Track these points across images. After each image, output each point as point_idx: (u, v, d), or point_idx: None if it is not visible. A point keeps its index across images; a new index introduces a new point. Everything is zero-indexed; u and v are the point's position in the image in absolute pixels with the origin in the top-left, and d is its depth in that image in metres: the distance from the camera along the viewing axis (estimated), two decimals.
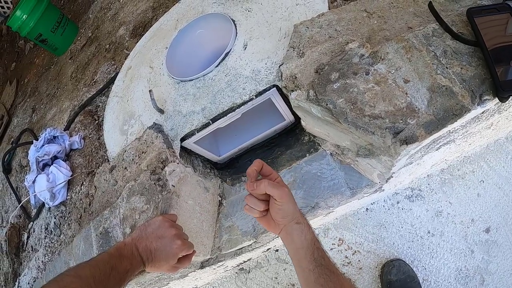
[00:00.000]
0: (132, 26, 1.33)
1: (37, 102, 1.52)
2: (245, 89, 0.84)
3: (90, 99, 1.21)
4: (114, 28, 1.39)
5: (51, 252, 1.06)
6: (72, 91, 1.36)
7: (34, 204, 1.16)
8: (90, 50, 1.44)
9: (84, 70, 1.38)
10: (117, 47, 1.31)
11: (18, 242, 1.30)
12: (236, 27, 0.94)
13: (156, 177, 0.82)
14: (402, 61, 0.69)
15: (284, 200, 0.61)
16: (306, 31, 0.82)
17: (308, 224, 0.63)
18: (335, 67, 0.72)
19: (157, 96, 0.97)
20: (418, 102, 0.66)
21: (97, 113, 1.19)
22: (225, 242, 0.96)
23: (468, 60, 0.66)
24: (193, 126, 0.88)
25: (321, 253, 0.59)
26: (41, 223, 1.21)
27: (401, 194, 1.07)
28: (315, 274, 0.57)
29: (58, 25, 1.57)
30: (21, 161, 1.43)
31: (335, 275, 0.57)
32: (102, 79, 1.26)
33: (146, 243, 0.66)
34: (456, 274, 1.00)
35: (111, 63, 1.28)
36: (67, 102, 1.34)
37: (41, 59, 1.76)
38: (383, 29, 0.78)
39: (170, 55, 1.01)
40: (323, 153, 0.92)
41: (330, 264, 0.58)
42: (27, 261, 1.23)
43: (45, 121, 1.39)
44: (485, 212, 1.03)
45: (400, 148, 0.64)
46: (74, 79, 1.40)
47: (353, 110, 0.67)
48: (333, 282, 0.56)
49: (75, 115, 1.20)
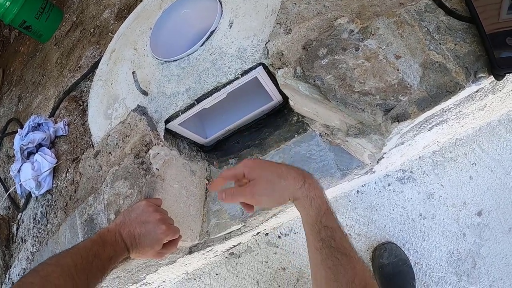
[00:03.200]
0: (117, 8, 1.26)
1: (23, 91, 1.46)
2: (231, 68, 0.79)
3: (75, 84, 1.16)
4: (99, 11, 1.33)
5: (39, 243, 1.02)
6: (57, 77, 1.30)
7: (21, 194, 1.12)
8: (75, 35, 1.37)
9: (69, 56, 1.31)
10: (102, 31, 1.25)
11: (8, 234, 1.26)
12: (222, 5, 0.89)
13: (140, 161, 0.78)
14: (394, 37, 0.65)
15: (257, 203, 0.55)
16: (294, 7, 0.77)
17: (312, 197, 0.53)
18: (323, 43, 0.68)
19: (141, 78, 0.92)
20: (410, 78, 0.62)
21: (82, 98, 1.13)
22: (213, 226, 0.92)
23: (462, 36, 0.63)
24: (178, 107, 0.83)
25: (331, 232, 0.50)
26: (29, 213, 1.17)
27: (392, 176, 1.04)
28: (322, 254, 0.49)
29: (42, 11, 1.49)
30: (8, 151, 1.38)
31: (348, 258, 0.48)
32: (86, 63, 1.20)
33: (130, 229, 0.63)
34: (448, 257, 0.98)
35: (95, 47, 1.21)
36: (53, 89, 1.28)
37: (26, 47, 1.69)
38: (373, 5, 0.73)
39: (154, 35, 0.96)
40: (312, 134, 0.88)
41: (342, 246, 0.49)
42: (17, 253, 1.20)
43: (31, 109, 1.33)
44: (477, 195, 1.00)
45: (391, 125, 0.60)
46: (59, 65, 1.34)
47: (342, 87, 0.63)
48: (343, 266, 0.47)
49: (60, 101, 1.14)
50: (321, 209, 0.52)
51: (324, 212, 0.52)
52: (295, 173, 0.55)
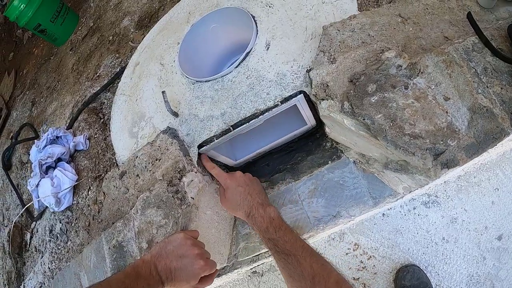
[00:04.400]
0: (137, 16, 1.21)
1: (37, 95, 1.40)
2: (269, 94, 0.76)
3: (94, 96, 1.11)
4: (118, 18, 1.27)
5: (58, 259, 0.99)
6: (74, 84, 1.25)
7: (38, 209, 1.08)
8: (92, 41, 1.31)
9: (86, 63, 1.26)
10: (122, 39, 1.19)
11: (20, 242, 1.22)
12: (257, 24, 0.85)
13: (174, 189, 0.75)
14: (442, 76, 0.63)
15: (225, 196, 0.75)
16: (337, 34, 0.73)
17: (249, 220, 0.70)
18: (371, 78, 0.65)
19: (169, 97, 0.88)
20: (459, 122, 0.60)
21: (102, 111, 1.09)
22: (242, 249, 0.90)
23: (508, 79, 0.60)
24: (212, 132, 0.80)
25: (273, 242, 0.63)
26: (44, 223, 1.13)
27: (418, 200, 1.03)
28: (275, 257, 0.62)
29: (57, 14, 1.42)
30: (21, 157, 1.33)
31: (292, 257, 0.59)
32: (106, 73, 1.15)
33: (166, 262, 0.61)
34: (467, 280, 0.98)
35: (115, 56, 1.16)
36: (69, 97, 1.23)
37: (40, 49, 1.62)
38: (418, 37, 0.71)
39: (183, 52, 0.92)
40: (346, 161, 0.86)
41: (285, 249, 0.60)
42: (31, 262, 1.16)
43: (45, 115, 1.28)
44: (498, 220, 1.00)
45: (441, 171, 0.58)
46: (75, 71, 1.28)
47: (393, 128, 0.61)
48: (292, 264, 0.58)
49: (79, 112, 1.09)
50: (261, 225, 0.67)
51: (265, 225, 0.66)
52: (251, 201, 0.72)
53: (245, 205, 0.71)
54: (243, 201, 0.72)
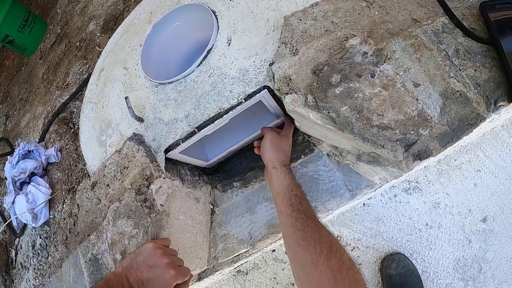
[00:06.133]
0: (102, 20, 1.13)
1: (10, 108, 1.33)
2: (232, 91, 0.70)
3: (63, 105, 1.04)
4: (84, 23, 1.19)
5: (41, 275, 0.95)
6: (45, 94, 1.18)
7: (17, 226, 1.02)
8: (60, 49, 1.23)
9: (55, 71, 1.19)
10: (88, 44, 1.12)
11: (6, 260, 1.18)
12: (218, 20, 0.78)
13: (142, 198, 0.70)
14: (411, 61, 0.57)
15: (263, 144, 0.73)
16: (299, 24, 0.67)
17: (286, 171, 0.67)
18: (335, 67, 0.59)
19: (134, 101, 0.82)
20: (430, 109, 0.54)
21: (72, 120, 1.02)
22: (221, 251, 0.86)
23: (482, 60, 0.55)
24: (177, 136, 0.74)
25: (299, 199, 0.60)
26: (27, 239, 1.08)
27: (398, 187, 0.99)
28: (292, 218, 0.58)
29: (25, 23, 1.33)
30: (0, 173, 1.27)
31: (312, 221, 0.57)
32: (74, 80, 1.08)
33: (137, 273, 0.57)
34: (454, 264, 0.95)
35: (83, 62, 1.09)
36: (41, 107, 1.16)
37: (11, 60, 1.53)
38: (385, 21, 0.65)
39: (145, 54, 0.85)
40: (319, 154, 0.81)
41: (308, 211, 0.59)
42: (19, 279, 1.12)
43: (19, 128, 1.22)
44: (482, 202, 0.96)
45: (413, 164, 0.53)
46: (46, 81, 1.21)
47: (359, 120, 0.55)
48: (310, 227, 0.55)
49: (49, 123, 1.03)
50: (292, 180, 0.65)
51: (294, 183, 0.65)
52: (283, 156, 0.72)
53: (275, 157, 0.71)
54: (274, 153, 0.71)
